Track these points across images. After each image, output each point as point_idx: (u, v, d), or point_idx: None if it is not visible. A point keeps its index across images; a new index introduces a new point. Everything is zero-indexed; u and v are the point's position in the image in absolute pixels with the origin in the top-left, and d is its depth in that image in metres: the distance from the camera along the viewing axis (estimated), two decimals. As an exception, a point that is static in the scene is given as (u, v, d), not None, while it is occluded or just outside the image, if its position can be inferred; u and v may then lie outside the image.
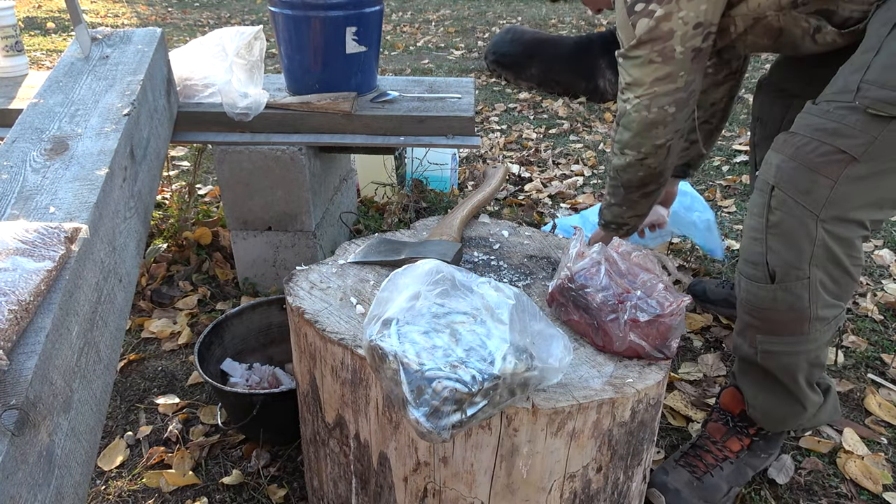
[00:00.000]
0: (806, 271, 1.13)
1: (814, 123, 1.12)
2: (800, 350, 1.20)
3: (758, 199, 1.17)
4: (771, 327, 1.20)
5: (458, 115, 1.84)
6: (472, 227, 1.44)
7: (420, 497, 1.04)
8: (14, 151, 1.25)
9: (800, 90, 1.48)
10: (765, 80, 1.62)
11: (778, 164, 1.13)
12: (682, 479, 1.33)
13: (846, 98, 1.09)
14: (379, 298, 0.94)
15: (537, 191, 2.87)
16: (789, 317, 1.17)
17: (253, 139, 1.84)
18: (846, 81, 1.10)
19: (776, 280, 1.15)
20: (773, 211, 1.13)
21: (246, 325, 1.65)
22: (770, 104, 1.60)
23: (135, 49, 1.61)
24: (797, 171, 1.11)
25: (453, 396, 0.82)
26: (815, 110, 1.13)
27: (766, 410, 1.30)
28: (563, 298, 1.11)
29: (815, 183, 1.09)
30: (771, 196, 1.13)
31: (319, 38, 1.83)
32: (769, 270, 1.15)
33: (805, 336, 1.19)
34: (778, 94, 1.58)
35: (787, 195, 1.12)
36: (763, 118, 1.62)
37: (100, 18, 6.59)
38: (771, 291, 1.16)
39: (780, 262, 1.14)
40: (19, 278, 0.89)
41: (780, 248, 1.14)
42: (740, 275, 1.22)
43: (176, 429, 1.54)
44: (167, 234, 2.24)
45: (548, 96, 4.30)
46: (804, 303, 1.15)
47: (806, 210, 1.10)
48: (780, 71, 1.59)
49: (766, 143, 1.57)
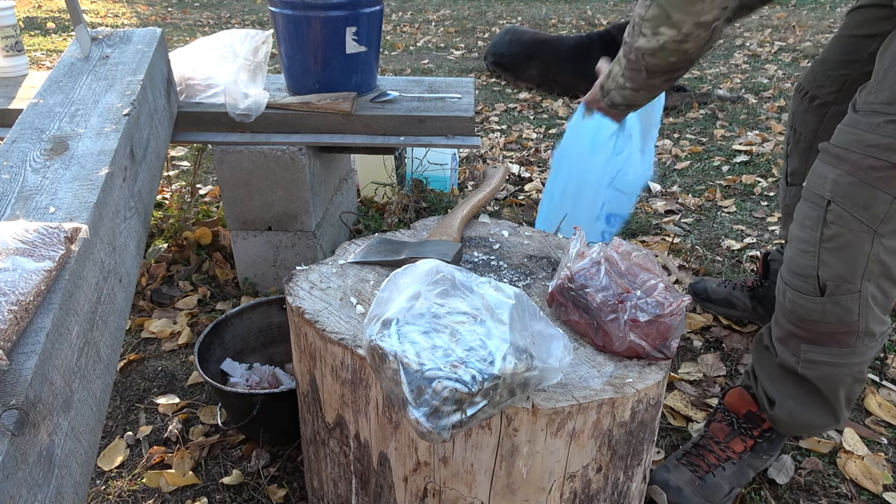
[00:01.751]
0: (857, 285, 1.12)
1: (866, 139, 1.08)
2: (845, 363, 1.19)
3: (810, 211, 1.14)
4: (817, 338, 1.18)
5: (458, 115, 1.84)
6: (472, 227, 1.44)
7: (420, 497, 1.04)
8: (14, 151, 1.25)
9: (834, 97, 1.48)
10: (800, 87, 1.59)
11: (835, 179, 1.11)
12: (683, 478, 1.33)
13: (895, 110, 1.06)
14: (379, 298, 0.94)
15: (537, 191, 2.87)
16: (838, 329, 1.16)
17: (253, 139, 1.84)
18: (893, 92, 1.06)
19: (826, 293, 1.14)
20: (829, 225, 1.11)
21: (246, 325, 1.65)
22: (804, 112, 1.56)
23: (135, 49, 1.61)
24: (855, 186, 1.08)
25: (453, 396, 0.82)
26: (865, 124, 1.09)
27: (794, 416, 1.28)
28: (563, 298, 1.11)
29: (873, 198, 1.08)
30: (827, 210, 1.11)
31: (319, 38, 1.83)
32: (819, 284, 1.14)
33: (852, 349, 1.18)
34: (811, 101, 1.55)
35: (845, 210, 1.10)
36: (797, 126, 1.59)
37: (100, 18, 6.59)
38: (820, 304, 1.15)
39: (832, 275, 1.13)
40: (19, 278, 0.89)
41: (833, 261, 1.12)
42: (786, 285, 1.19)
43: (176, 429, 1.54)
44: (167, 234, 2.24)
45: (548, 96, 4.30)
46: (854, 316, 1.14)
47: (864, 225, 1.09)
48: (814, 77, 1.56)
49: (800, 152, 1.56)
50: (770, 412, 1.30)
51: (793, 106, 1.61)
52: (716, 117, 3.80)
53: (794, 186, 1.62)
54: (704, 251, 2.36)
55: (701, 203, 2.76)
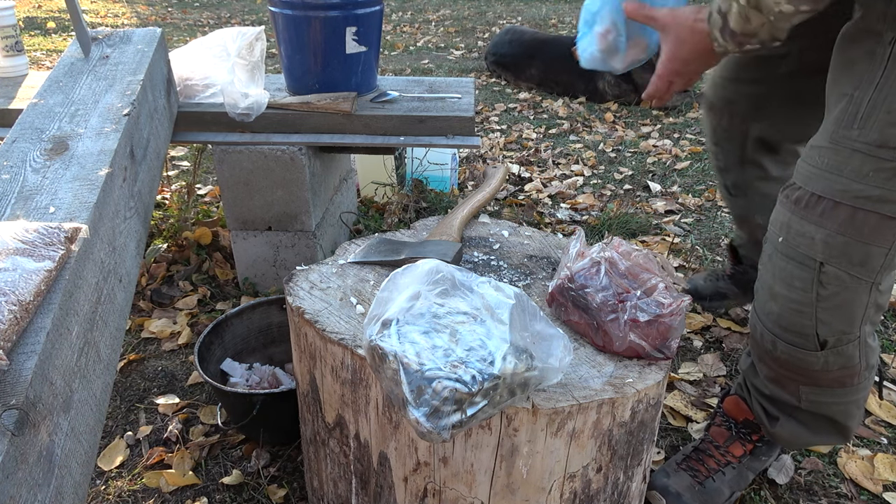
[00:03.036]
0: (857, 333, 1.10)
1: (854, 190, 0.99)
2: (851, 400, 1.18)
3: (798, 272, 1.07)
4: (819, 383, 1.16)
5: (458, 115, 1.84)
6: (472, 227, 1.44)
7: (420, 497, 1.04)
8: (14, 151, 1.25)
9: (752, 116, 1.46)
10: (713, 105, 1.53)
11: (825, 241, 1.03)
12: (683, 483, 1.32)
13: (887, 156, 0.95)
14: (379, 298, 0.94)
15: (537, 191, 2.87)
16: (842, 374, 1.14)
17: (253, 139, 1.84)
18: (883, 134, 0.95)
19: (827, 347, 1.10)
20: (825, 286, 1.05)
21: (246, 325, 1.65)
22: (725, 130, 1.53)
23: (135, 49, 1.61)
24: (849, 245, 1.01)
25: (453, 396, 0.82)
26: (850, 172, 0.99)
27: (798, 436, 1.26)
28: (563, 298, 1.11)
29: (868, 254, 1.02)
30: (821, 272, 1.04)
31: (319, 38, 1.83)
32: (819, 340, 1.10)
33: (856, 387, 1.16)
34: (731, 118, 1.51)
35: (840, 270, 1.04)
36: (722, 144, 1.57)
37: (100, 18, 6.58)
38: (822, 357, 1.11)
39: (832, 331, 1.09)
40: (19, 278, 0.89)
41: (832, 319, 1.08)
42: (776, 337, 1.14)
43: (176, 429, 1.54)
44: (167, 234, 2.24)
45: (548, 96, 4.30)
46: (855, 360, 1.12)
47: (861, 280, 1.05)
48: (725, 95, 1.50)
49: (733, 166, 1.56)
50: (771, 429, 1.28)
51: (711, 124, 1.56)
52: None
53: (738, 197, 1.61)
54: (704, 251, 2.36)
55: (701, 203, 2.76)
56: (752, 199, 1.60)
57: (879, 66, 0.95)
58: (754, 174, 1.56)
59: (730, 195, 1.65)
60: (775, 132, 1.49)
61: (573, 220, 2.62)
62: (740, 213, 1.66)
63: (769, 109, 1.43)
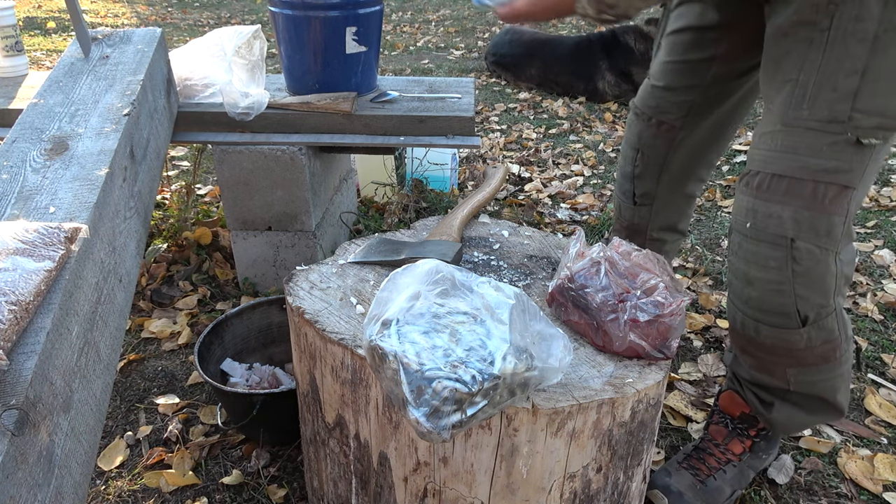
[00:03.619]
0: (832, 305, 1.14)
1: (812, 165, 1.07)
2: (837, 374, 1.21)
3: (771, 252, 1.11)
4: (805, 362, 1.19)
5: (458, 115, 1.84)
6: (472, 227, 1.44)
7: (420, 497, 1.04)
8: (14, 151, 1.25)
9: (680, 122, 1.47)
10: (642, 112, 1.54)
11: (793, 217, 1.09)
12: (685, 482, 1.33)
13: (837, 130, 1.04)
14: (379, 298, 0.94)
15: (537, 191, 2.87)
16: (825, 349, 1.17)
17: (253, 139, 1.84)
18: (831, 111, 1.04)
19: (808, 322, 1.14)
20: (800, 262, 1.10)
21: (246, 325, 1.65)
22: (652, 137, 1.53)
23: (135, 49, 1.61)
24: (814, 218, 1.08)
25: (453, 396, 0.82)
26: (805, 148, 1.07)
27: (793, 418, 1.28)
28: (563, 298, 1.11)
29: (832, 224, 1.08)
30: (793, 248, 1.09)
31: (319, 38, 1.83)
32: (800, 316, 1.14)
33: (839, 360, 1.19)
34: (658, 126, 1.51)
35: (809, 244, 1.09)
36: (644, 150, 1.55)
37: (100, 18, 6.58)
38: (804, 333, 1.15)
39: (812, 306, 1.13)
40: (19, 278, 0.89)
41: (809, 293, 1.12)
42: (758, 323, 1.18)
43: (176, 429, 1.54)
44: (167, 234, 2.24)
45: (548, 96, 4.30)
46: (835, 333, 1.16)
47: (828, 251, 1.10)
48: (657, 104, 1.51)
49: (650, 175, 1.56)
50: (768, 416, 1.29)
51: (636, 129, 1.56)
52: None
53: (643, 206, 1.61)
54: (704, 251, 2.36)
55: (701, 203, 2.76)
56: (657, 211, 1.61)
57: (819, 51, 1.03)
58: (670, 186, 1.57)
59: (634, 205, 1.63)
60: (699, 142, 1.51)
61: (573, 220, 2.62)
62: (638, 222, 1.64)
63: (697, 117, 1.46)
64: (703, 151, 1.54)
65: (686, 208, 1.64)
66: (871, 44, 1.00)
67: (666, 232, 1.66)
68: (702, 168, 1.58)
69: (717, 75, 1.40)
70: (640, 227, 1.65)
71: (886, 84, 1.01)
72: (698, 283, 2.16)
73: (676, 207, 1.62)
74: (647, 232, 1.66)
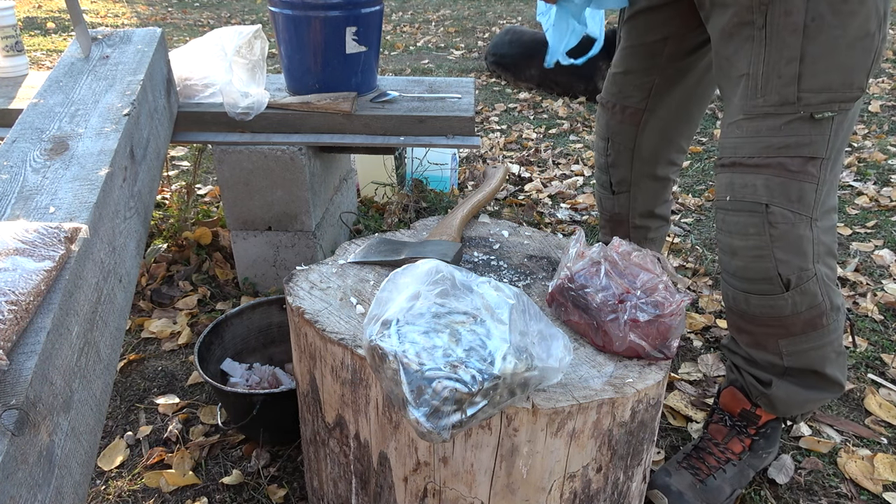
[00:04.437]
0: (812, 269, 1.20)
1: (775, 143, 1.17)
2: (825, 342, 1.24)
3: (749, 219, 1.20)
4: (793, 330, 1.23)
5: (458, 115, 1.84)
6: (472, 227, 1.44)
7: (420, 497, 1.04)
8: (14, 151, 1.25)
9: (644, 104, 1.54)
10: (606, 102, 1.61)
11: (765, 184, 1.18)
12: (685, 482, 1.33)
13: (790, 110, 1.15)
14: (379, 298, 0.94)
15: (537, 191, 2.87)
16: (811, 315, 1.22)
17: (253, 139, 1.84)
18: (781, 95, 1.15)
19: (791, 286, 1.20)
20: (775, 226, 1.18)
21: (246, 325, 1.65)
22: (618, 124, 1.59)
23: (135, 49, 1.61)
24: (785, 184, 1.17)
25: (453, 396, 0.82)
26: (766, 130, 1.18)
27: (793, 394, 1.30)
28: (563, 298, 1.11)
29: (802, 190, 1.17)
30: (768, 213, 1.18)
31: (319, 38, 1.83)
32: (783, 280, 1.20)
33: (826, 328, 1.23)
34: (623, 112, 1.58)
35: (783, 208, 1.17)
36: (613, 139, 1.61)
37: (100, 18, 6.59)
38: (789, 298, 1.20)
39: (792, 269, 1.19)
40: (19, 278, 0.89)
41: (789, 256, 1.19)
42: (746, 294, 1.24)
43: (176, 429, 1.54)
44: (167, 234, 2.24)
45: (548, 96, 4.30)
46: (819, 298, 1.21)
47: (801, 216, 1.18)
48: (619, 90, 1.57)
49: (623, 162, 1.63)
50: (768, 395, 1.30)
51: (603, 120, 1.63)
52: (716, 117, 3.80)
53: (622, 194, 1.67)
54: (704, 251, 2.36)
55: (701, 203, 2.76)
56: (634, 196, 1.67)
57: (761, 46, 1.16)
58: (642, 170, 1.63)
59: (612, 194, 1.69)
60: (664, 123, 1.57)
61: (573, 220, 2.62)
62: (619, 211, 1.70)
63: (659, 98, 1.54)
64: (671, 133, 1.59)
65: (662, 192, 1.69)
66: (802, 33, 1.12)
67: (647, 218, 1.71)
68: (671, 151, 1.63)
69: (670, 54, 1.48)
70: (621, 216, 1.71)
71: (824, 64, 1.13)
72: (698, 283, 2.16)
73: (653, 192, 1.67)
74: (628, 220, 1.71)
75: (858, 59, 1.13)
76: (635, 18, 1.51)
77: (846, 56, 1.12)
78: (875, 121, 3.75)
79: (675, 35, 1.46)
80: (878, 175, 3.02)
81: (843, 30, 1.11)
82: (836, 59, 1.12)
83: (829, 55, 1.12)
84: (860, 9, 1.10)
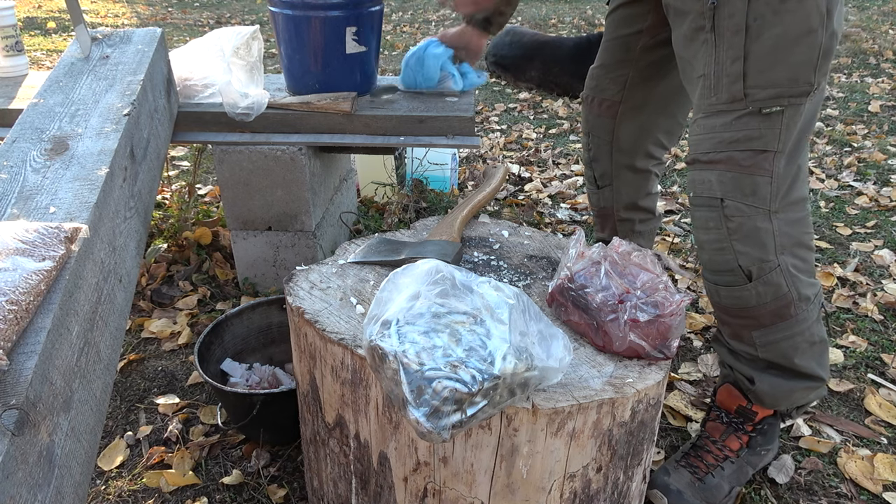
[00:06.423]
0: (775, 261, 1.22)
1: (726, 138, 1.21)
2: (795, 332, 1.26)
3: (708, 214, 1.24)
4: (762, 321, 1.26)
5: (458, 115, 1.84)
6: (472, 227, 1.44)
7: (420, 497, 1.05)
8: (14, 151, 1.25)
9: (619, 96, 1.60)
10: (586, 97, 1.68)
11: (718, 179, 1.22)
12: (683, 480, 1.33)
13: (739, 107, 1.19)
14: (379, 298, 0.94)
15: (537, 191, 2.87)
16: (777, 305, 1.24)
17: (253, 139, 1.84)
18: (730, 92, 1.20)
19: (753, 278, 1.23)
20: (731, 219, 1.22)
21: (246, 325, 1.65)
22: (596, 117, 1.66)
23: (135, 49, 1.61)
24: (737, 179, 1.20)
25: (453, 396, 0.82)
26: (719, 126, 1.22)
27: (776, 387, 1.32)
28: (563, 298, 1.12)
29: (756, 184, 1.20)
30: (723, 207, 1.22)
31: (319, 38, 1.83)
32: (745, 272, 1.23)
33: (794, 318, 1.25)
34: (600, 105, 1.64)
35: (737, 202, 1.21)
36: (593, 132, 1.68)
37: (100, 18, 6.59)
38: (752, 289, 1.24)
39: (751, 260, 1.22)
40: (19, 278, 0.89)
41: (746, 248, 1.22)
42: (716, 285, 1.28)
43: (176, 429, 1.54)
44: (167, 234, 2.24)
45: (548, 96, 4.30)
46: (784, 288, 1.23)
47: (757, 209, 1.21)
48: (596, 84, 1.65)
49: (603, 155, 1.69)
50: (753, 388, 1.33)
51: (584, 116, 1.70)
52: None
53: (606, 188, 1.72)
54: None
55: (701, 203, 2.76)
56: (617, 189, 1.71)
57: (712, 48, 1.22)
58: (621, 162, 1.67)
59: (597, 188, 1.74)
60: (641, 115, 1.62)
61: (573, 220, 2.62)
62: (605, 205, 1.75)
63: (634, 90, 1.59)
64: (648, 125, 1.63)
65: (644, 184, 1.72)
66: (745, 33, 1.17)
67: (631, 211, 1.74)
68: (648, 143, 1.66)
69: (644, 47, 1.54)
70: (607, 209, 1.75)
71: (768, 61, 1.17)
72: (698, 283, 2.16)
73: (634, 184, 1.71)
74: (614, 213, 1.75)
75: (803, 55, 1.16)
76: (615, 12, 1.58)
77: (790, 53, 1.16)
78: (875, 121, 3.75)
79: (648, 29, 1.51)
80: (878, 175, 3.02)
81: (783, 27, 1.15)
82: (779, 55, 1.16)
83: (772, 52, 1.16)
84: (799, 7, 1.14)
